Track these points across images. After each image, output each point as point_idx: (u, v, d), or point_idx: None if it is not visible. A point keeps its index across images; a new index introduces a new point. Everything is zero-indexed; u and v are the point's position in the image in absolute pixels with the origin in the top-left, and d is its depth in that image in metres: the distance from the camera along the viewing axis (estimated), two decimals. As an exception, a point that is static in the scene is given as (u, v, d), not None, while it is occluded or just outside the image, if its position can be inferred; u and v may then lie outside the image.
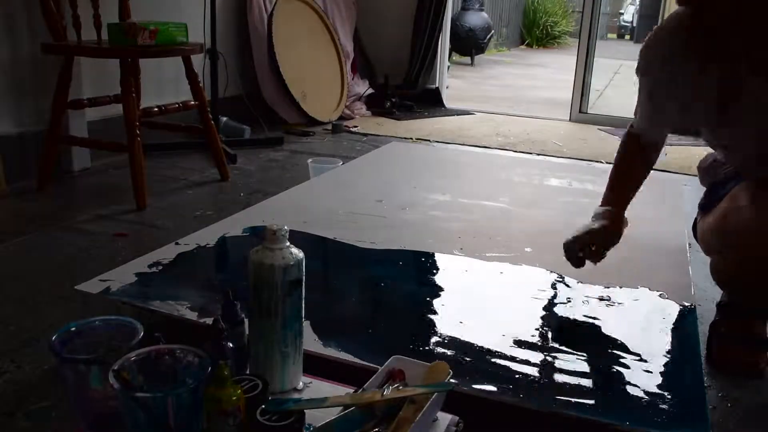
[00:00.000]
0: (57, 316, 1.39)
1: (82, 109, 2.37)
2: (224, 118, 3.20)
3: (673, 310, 1.37)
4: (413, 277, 1.55)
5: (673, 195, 2.32)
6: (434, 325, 1.27)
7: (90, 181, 2.44)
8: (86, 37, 2.29)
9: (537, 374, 1.10)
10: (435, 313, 1.33)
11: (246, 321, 1.03)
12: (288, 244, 0.96)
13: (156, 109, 2.35)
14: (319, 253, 1.64)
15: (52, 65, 2.25)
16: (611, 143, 3.48)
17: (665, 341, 1.25)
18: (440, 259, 1.63)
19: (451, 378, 0.95)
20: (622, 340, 1.24)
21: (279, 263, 0.94)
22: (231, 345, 0.98)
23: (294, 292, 0.97)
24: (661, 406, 1.03)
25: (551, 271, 1.55)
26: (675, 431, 0.97)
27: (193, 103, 2.40)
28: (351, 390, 0.97)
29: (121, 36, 2.08)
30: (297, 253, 0.96)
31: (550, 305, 1.39)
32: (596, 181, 2.44)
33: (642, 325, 1.31)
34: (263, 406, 0.88)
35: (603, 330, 1.29)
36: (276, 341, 0.98)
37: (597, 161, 3.04)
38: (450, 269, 1.58)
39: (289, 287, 0.96)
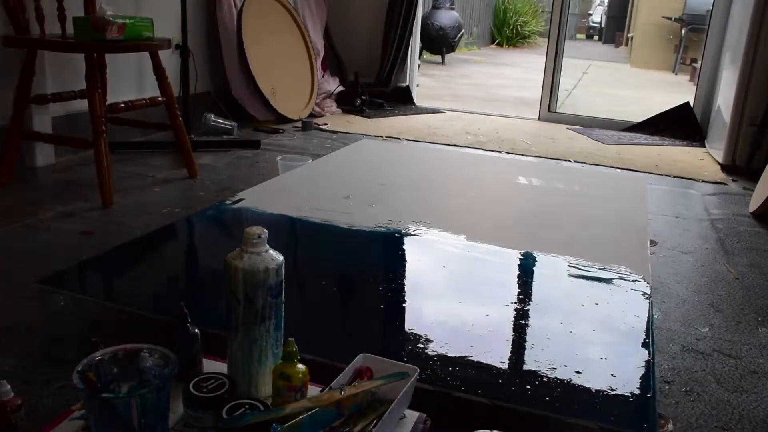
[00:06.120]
0: (20, 316, 1.36)
1: (46, 104, 2.32)
2: (210, 114, 3.18)
3: (630, 305, 1.39)
4: (382, 270, 1.55)
5: (637, 193, 2.36)
6: (403, 321, 1.28)
7: (54, 177, 2.40)
8: (51, 31, 2.25)
9: (502, 371, 1.11)
10: (403, 308, 1.33)
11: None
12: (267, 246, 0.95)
13: (122, 104, 2.31)
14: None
15: (15, 59, 2.20)
16: (579, 142, 3.52)
17: (620, 336, 1.27)
18: (409, 249, 1.63)
19: (418, 376, 0.95)
20: (582, 337, 1.26)
21: (272, 266, 0.93)
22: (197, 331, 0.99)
23: (282, 291, 0.96)
24: (613, 400, 1.04)
25: (516, 271, 1.56)
26: (623, 425, 0.99)
27: (160, 99, 2.36)
28: (319, 388, 0.97)
29: (88, 30, 2.04)
30: (275, 252, 0.96)
31: (514, 307, 1.40)
32: (564, 180, 2.47)
33: (600, 320, 1.33)
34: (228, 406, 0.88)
35: (563, 326, 1.30)
36: (270, 345, 0.97)
37: (565, 160, 3.08)
38: (420, 261, 1.59)
39: (279, 287, 0.95)
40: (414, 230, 1.77)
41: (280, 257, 0.95)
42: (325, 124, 3.59)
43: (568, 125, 4.00)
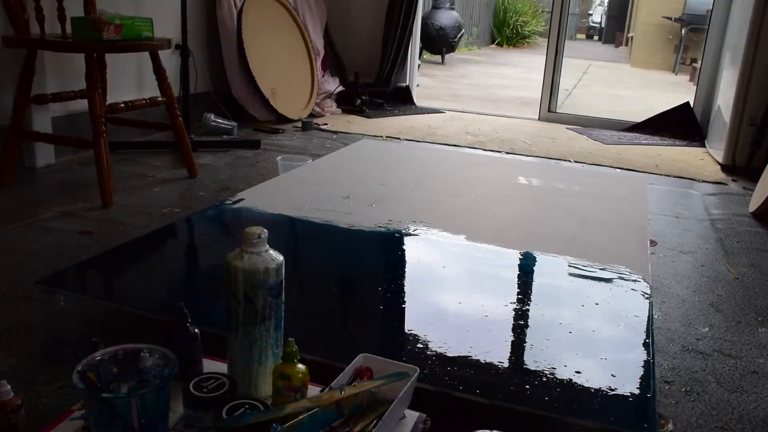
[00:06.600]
0: (20, 316, 1.36)
1: (46, 104, 2.32)
2: (210, 114, 3.18)
3: (630, 305, 1.39)
4: (382, 270, 1.55)
5: (637, 193, 2.36)
6: (402, 321, 1.28)
7: (54, 177, 2.40)
8: (51, 31, 2.25)
9: (501, 370, 1.11)
10: (403, 308, 1.33)
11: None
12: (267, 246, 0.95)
13: (122, 104, 2.31)
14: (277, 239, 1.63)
15: (15, 59, 2.20)
16: (579, 142, 3.52)
17: (620, 336, 1.27)
18: (409, 249, 1.63)
19: (418, 376, 0.95)
20: (582, 338, 1.26)
21: (272, 266, 0.93)
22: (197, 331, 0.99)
23: (282, 291, 0.96)
24: (612, 400, 1.04)
25: (516, 271, 1.56)
26: (623, 425, 0.99)
27: (160, 99, 2.36)
28: (319, 388, 0.97)
29: (86, 30, 2.04)
30: (275, 252, 0.95)
31: (513, 307, 1.40)
32: (564, 180, 2.47)
33: (600, 320, 1.33)
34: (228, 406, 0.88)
35: (562, 326, 1.31)
36: (270, 345, 0.97)
37: (565, 160, 3.08)
38: (420, 261, 1.59)
39: (279, 287, 0.95)
40: (414, 230, 1.77)
41: (280, 257, 0.95)
42: (325, 124, 3.59)
43: (568, 125, 4.00)
